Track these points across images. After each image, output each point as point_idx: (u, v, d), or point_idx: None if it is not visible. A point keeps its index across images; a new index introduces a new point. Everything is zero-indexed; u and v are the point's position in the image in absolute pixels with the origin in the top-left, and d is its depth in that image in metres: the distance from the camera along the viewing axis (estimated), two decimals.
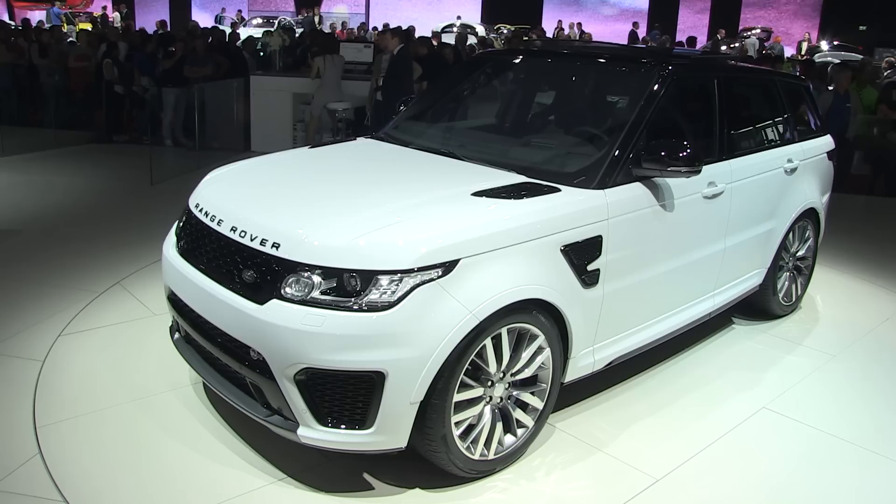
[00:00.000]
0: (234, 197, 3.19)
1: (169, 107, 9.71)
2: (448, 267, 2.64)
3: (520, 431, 3.05)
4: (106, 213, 6.68)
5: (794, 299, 4.84)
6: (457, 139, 3.91)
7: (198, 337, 3.07)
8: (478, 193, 2.99)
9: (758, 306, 4.69)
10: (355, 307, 2.57)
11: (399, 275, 2.58)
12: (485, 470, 2.96)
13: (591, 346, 3.29)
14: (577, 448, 3.22)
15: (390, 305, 2.56)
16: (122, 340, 4.02)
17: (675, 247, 3.62)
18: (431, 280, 2.61)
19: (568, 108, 4.06)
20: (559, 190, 3.11)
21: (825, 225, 5.04)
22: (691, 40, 17.25)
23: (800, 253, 4.83)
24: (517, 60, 4.49)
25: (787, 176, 4.42)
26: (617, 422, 3.44)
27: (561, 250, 2.99)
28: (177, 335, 3.38)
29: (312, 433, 2.68)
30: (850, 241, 6.54)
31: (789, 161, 4.44)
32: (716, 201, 3.80)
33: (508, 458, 3.03)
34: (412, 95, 4.40)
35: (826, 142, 5.00)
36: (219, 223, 2.97)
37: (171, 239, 3.35)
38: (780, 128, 4.57)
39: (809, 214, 4.74)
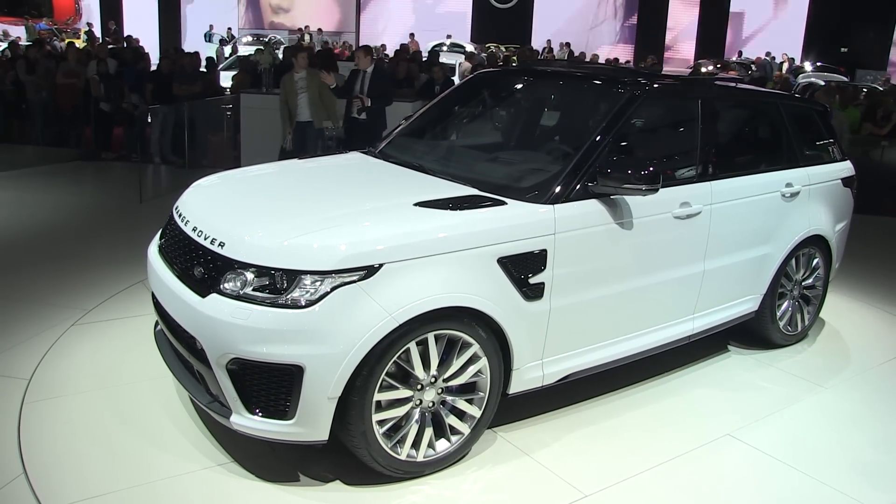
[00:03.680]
0: (206, 201, 3.45)
1: (157, 124, 9.59)
2: (370, 270, 2.77)
3: (454, 438, 3.12)
4: (95, 230, 6.58)
5: (799, 329, 4.65)
6: (432, 154, 4.04)
7: (165, 328, 3.33)
8: (420, 204, 3.11)
9: (756, 334, 4.54)
10: (279, 303, 2.74)
11: (321, 275, 2.73)
12: (411, 471, 3.04)
13: (540, 360, 3.32)
14: (517, 459, 3.24)
15: (311, 304, 2.72)
16: (122, 334, 4.32)
17: (638, 265, 3.59)
18: (351, 282, 2.75)
19: (538, 126, 4.13)
20: (504, 203, 3.19)
21: (839, 254, 4.83)
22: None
23: (807, 281, 4.65)
24: (500, 80, 4.59)
25: (785, 201, 4.29)
26: (568, 436, 3.43)
27: (498, 261, 3.06)
28: (158, 328, 3.66)
29: (242, 420, 2.86)
30: (855, 264, 6.12)
31: (788, 185, 4.30)
32: (691, 222, 3.76)
33: (439, 463, 3.09)
34: (403, 120, 4.57)
35: (842, 168, 4.80)
36: (186, 223, 3.23)
37: (155, 239, 3.65)
38: (779, 151, 4.43)
39: (816, 242, 4.55)
